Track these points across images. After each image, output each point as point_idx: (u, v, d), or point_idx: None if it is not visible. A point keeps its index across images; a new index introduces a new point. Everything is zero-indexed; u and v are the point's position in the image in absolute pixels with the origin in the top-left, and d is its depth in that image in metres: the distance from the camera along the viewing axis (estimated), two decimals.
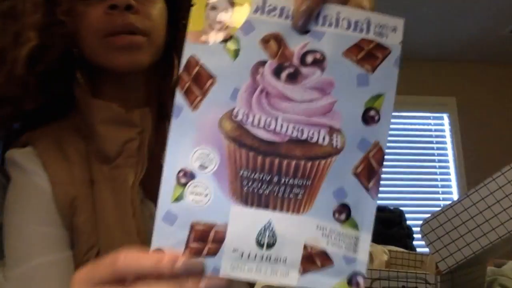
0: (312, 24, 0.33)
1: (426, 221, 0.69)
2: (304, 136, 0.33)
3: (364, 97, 0.34)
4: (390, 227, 2.18)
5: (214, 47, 0.33)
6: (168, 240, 0.33)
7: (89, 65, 0.63)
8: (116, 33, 0.59)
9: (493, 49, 3.35)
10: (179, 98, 0.33)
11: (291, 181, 0.33)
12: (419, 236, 0.70)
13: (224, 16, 0.33)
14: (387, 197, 3.28)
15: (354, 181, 0.33)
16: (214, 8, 0.33)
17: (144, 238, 0.56)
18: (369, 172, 0.33)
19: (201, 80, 0.33)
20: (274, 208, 0.33)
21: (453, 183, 3.40)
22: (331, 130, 0.33)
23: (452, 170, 3.42)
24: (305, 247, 0.33)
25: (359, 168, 0.33)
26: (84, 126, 0.62)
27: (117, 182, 0.59)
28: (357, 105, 0.33)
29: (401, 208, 2.36)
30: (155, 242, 0.33)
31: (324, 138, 0.33)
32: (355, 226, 0.33)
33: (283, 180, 0.33)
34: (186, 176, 0.33)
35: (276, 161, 0.33)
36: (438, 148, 3.48)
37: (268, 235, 0.33)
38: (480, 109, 3.50)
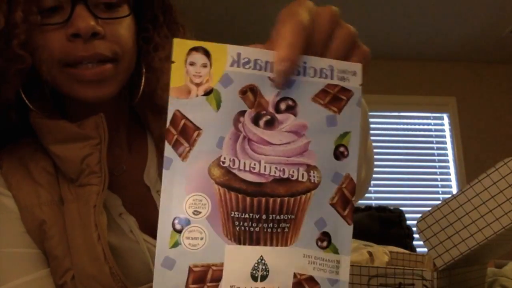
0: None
1: (422, 218, 0.69)
2: (286, 175, 0.36)
3: (333, 136, 0.37)
4: (390, 227, 2.18)
5: (197, 101, 0.35)
6: (168, 284, 0.35)
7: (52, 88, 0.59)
8: (81, 63, 0.54)
9: (493, 49, 3.35)
10: (168, 150, 0.35)
11: (277, 217, 0.36)
12: (419, 236, 0.71)
13: (203, 71, 0.35)
14: (387, 197, 3.28)
15: (331, 211, 0.37)
16: (192, 64, 0.35)
17: (112, 264, 0.54)
18: (343, 201, 0.37)
19: (188, 133, 0.35)
20: (265, 243, 0.36)
21: (453, 183, 3.40)
22: (309, 168, 0.37)
23: (452, 170, 3.42)
24: (294, 275, 0.36)
25: (334, 199, 0.37)
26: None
27: (81, 202, 0.56)
28: (328, 143, 0.37)
29: (401, 208, 2.36)
30: (156, 286, 0.35)
31: (303, 175, 0.36)
32: (336, 251, 0.37)
33: (270, 217, 0.36)
34: (181, 223, 0.35)
35: (263, 200, 0.36)
36: (438, 148, 3.48)
37: (261, 269, 0.36)
38: (480, 109, 3.50)
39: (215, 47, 0.36)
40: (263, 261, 0.36)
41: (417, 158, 3.44)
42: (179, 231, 0.35)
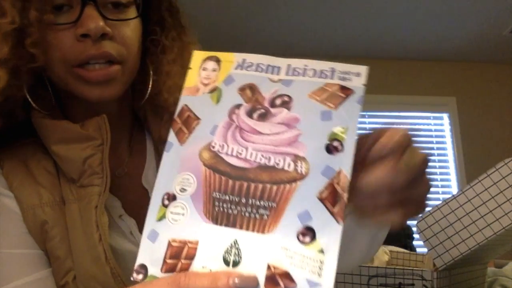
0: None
1: (422, 218, 0.70)
2: (271, 163, 0.36)
3: (327, 129, 0.37)
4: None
5: (202, 97, 0.40)
6: (150, 256, 0.37)
7: (58, 86, 0.59)
8: (88, 63, 0.55)
9: (493, 49, 3.35)
10: (171, 137, 0.39)
11: (257, 202, 0.36)
12: (418, 236, 0.71)
13: (212, 74, 0.41)
14: None
15: (319, 205, 0.35)
16: (205, 69, 0.41)
17: (113, 264, 0.54)
18: (334, 197, 0.35)
19: (189, 122, 0.39)
20: (241, 227, 0.36)
21: (453, 183, 3.40)
22: (296, 158, 0.36)
23: (452, 170, 3.42)
24: (268, 267, 0.34)
25: (324, 193, 0.35)
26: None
27: (83, 203, 0.56)
28: (320, 136, 0.37)
29: None
30: (140, 258, 0.37)
31: (289, 165, 0.36)
32: (320, 250, 0.34)
33: (250, 201, 0.36)
34: (169, 199, 0.37)
35: (245, 184, 0.36)
36: (438, 148, 3.48)
37: (234, 253, 0.35)
38: (480, 109, 3.50)
39: (226, 55, 0.41)
40: (236, 245, 0.35)
41: None
42: (166, 206, 0.37)
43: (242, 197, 0.36)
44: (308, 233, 0.34)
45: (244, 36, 3.19)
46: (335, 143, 0.36)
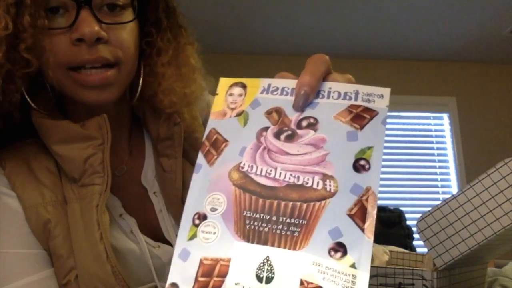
0: (309, 101, 0.41)
1: (422, 218, 0.69)
2: (300, 182, 0.38)
3: (354, 149, 0.38)
4: (390, 227, 2.19)
5: (229, 120, 0.41)
6: (182, 274, 0.37)
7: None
8: (84, 67, 0.55)
9: (493, 49, 3.35)
10: (200, 158, 0.40)
11: (288, 220, 0.37)
12: (418, 236, 0.71)
13: (239, 99, 0.42)
14: (387, 197, 3.28)
15: (349, 222, 0.36)
16: (231, 94, 0.42)
17: (114, 263, 0.54)
18: (363, 213, 0.37)
19: (217, 144, 0.41)
20: (272, 244, 0.37)
21: (453, 183, 3.40)
22: (325, 177, 0.38)
23: (452, 170, 3.42)
24: (301, 282, 0.35)
25: (353, 209, 0.37)
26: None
27: (84, 202, 0.56)
28: (347, 156, 0.38)
29: (401, 208, 2.36)
30: (171, 277, 0.37)
31: (318, 183, 0.37)
32: (352, 264, 0.35)
33: (281, 219, 0.37)
34: (200, 218, 0.38)
35: (275, 203, 0.37)
36: (438, 148, 3.48)
37: (267, 270, 0.36)
38: (480, 109, 3.50)
39: (251, 81, 0.43)
40: (268, 261, 0.36)
41: (417, 158, 3.44)
42: (197, 225, 0.38)
43: (272, 215, 0.37)
44: (340, 248, 0.36)
45: (244, 36, 3.19)
46: (362, 162, 0.38)
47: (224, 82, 0.43)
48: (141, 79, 0.63)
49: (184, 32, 0.67)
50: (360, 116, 0.39)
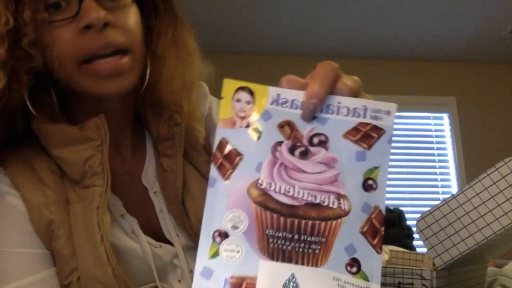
0: (318, 112, 0.42)
1: (421, 217, 0.70)
2: (318, 201, 0.39)
3: (362, 169, 0.40)
4: (390, 227, 2.18)
5: (240, 131, 0.41)
6: None
7: (61, 87, 0.59)
8: (96, 56, 0.54)
9: (493, 49, 3.35)
10: (213, 171, 0.40)
11: (309, 238, 0.39)
12: (418, 235, 0.71)
13: (247, 107, 0.41)
14: (387, 197, 3.24)
15: (361, 239, 0.39)
16: (238, 100, 0.41)
17: (115, 265, 0.54)
18: (373, 231, 0.39)
19: (231, 157, 0.40)
20: (296, 262, 0.38)
21: (453, 183, 3.40)
22: (339, 196, 0.39)
23: (452, 170, 3.42)
24: None
25: (364, 227, 0.39)
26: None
27: (85, 204, 0.56)
28: (357, 176, 0.40)
29: (401, 208, 2.36)
30: None
31: (333, 202, 0.39)
32: (365, 277, 0.38)
33: (302, 238, 0.39)
34: (221, 236, 0.39)
35: (296, 221, 0.39)
36: (438, 148, 3.48)
37: (292, 286, 0.38)
38: (480, 109, 3.51)
39: (259, 88, 0.42)
40: (294, 279, 0.38)
41: (417, 158, 3.44)
42: (218, 243, 0.38)
43: (294, 233, 0.39)
44: (355, 264, 0.39)
45: (244, 35, 3.19)
46: (370, 182, 0.40)
47: (229, 85, 0.42)
48: (148, 67, 0.63)
49: (181, 19, 0.67)
50: (368, 135, 0.41)
